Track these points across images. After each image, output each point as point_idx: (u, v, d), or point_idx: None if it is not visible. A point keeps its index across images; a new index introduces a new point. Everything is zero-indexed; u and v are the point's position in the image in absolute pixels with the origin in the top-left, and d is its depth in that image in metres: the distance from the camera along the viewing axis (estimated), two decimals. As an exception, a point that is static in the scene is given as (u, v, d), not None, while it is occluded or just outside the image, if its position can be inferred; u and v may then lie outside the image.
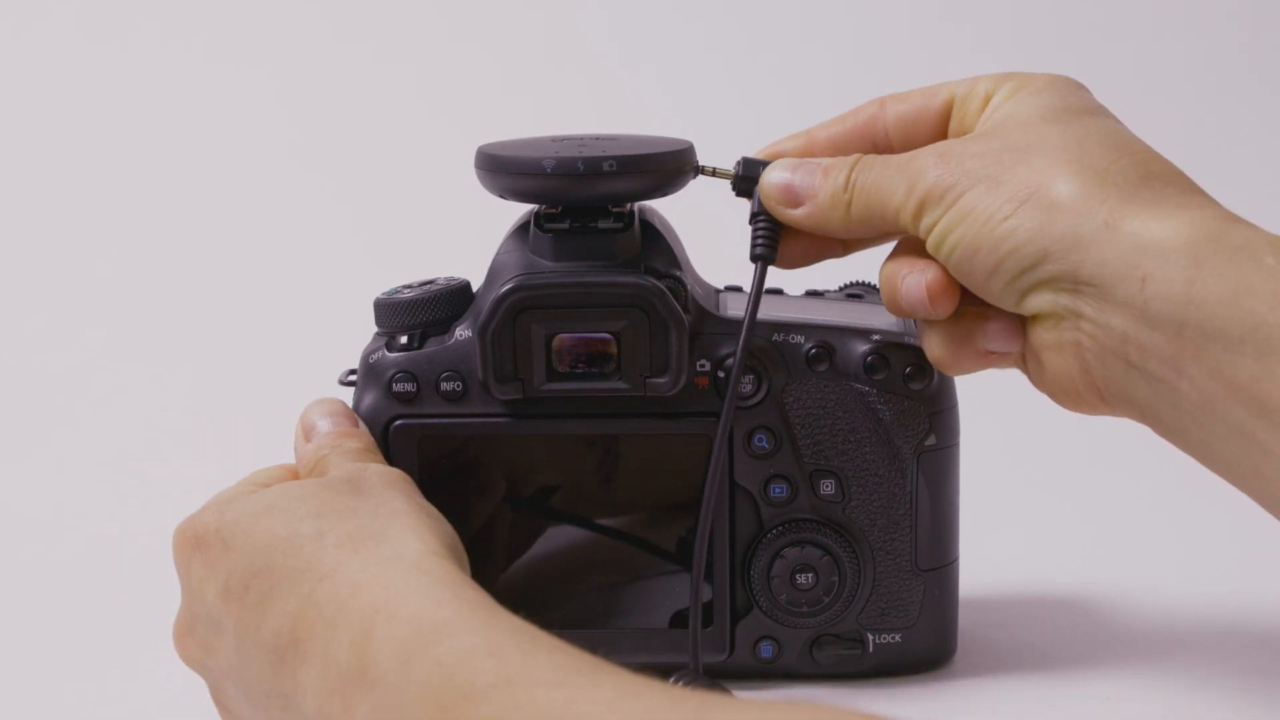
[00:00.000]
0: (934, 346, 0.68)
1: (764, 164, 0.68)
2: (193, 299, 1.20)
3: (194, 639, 0.62)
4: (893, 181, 0.65)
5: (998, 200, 0.63)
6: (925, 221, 0.64)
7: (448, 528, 0.61)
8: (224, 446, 1.03)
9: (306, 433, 0.68)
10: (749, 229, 0.68)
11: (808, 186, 0.67)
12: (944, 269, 0.66)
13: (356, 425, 0.69)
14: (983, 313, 0.66)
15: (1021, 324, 0.66)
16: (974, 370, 0.68)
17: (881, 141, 0.69)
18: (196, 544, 0.61)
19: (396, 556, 0.57)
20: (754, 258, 0.68)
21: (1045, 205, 0.62)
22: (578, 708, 0.47)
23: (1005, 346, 0.66)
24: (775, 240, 0.68)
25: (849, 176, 0.66)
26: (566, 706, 0.47)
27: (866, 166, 0.66)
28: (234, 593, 0.59)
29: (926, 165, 0.64)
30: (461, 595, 0.54)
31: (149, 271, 1.22)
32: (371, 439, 0.68)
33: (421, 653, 0.51)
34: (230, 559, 0.60)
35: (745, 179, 0.69)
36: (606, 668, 0.49)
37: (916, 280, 0.66)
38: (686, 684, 0.66)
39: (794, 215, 0.67)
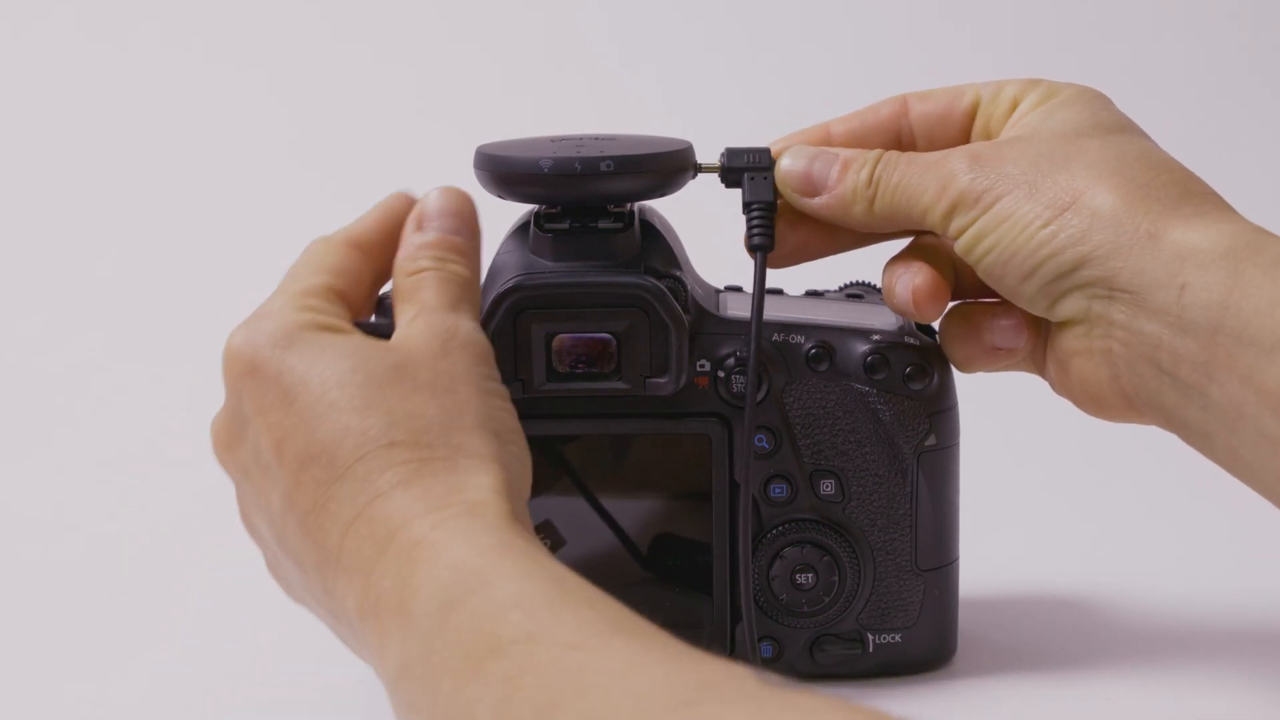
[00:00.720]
0: (946, 345, 0.69)
1: (748, 152, 0.69)
2: (193, 299, 1.20)
3: (234, 456, 0.61)
4: (922, 181, 0.66)
5: (1037, 206, 0.64)
6: (957, 223, 0.65)
7: (513, 448, 0.60)
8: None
9: (419, 221, 0.65)
10: (743, 219, 0.69)
11: (825, 176, 0.68)
12: (933, 273, 0.67)
13: (472, 236, 0.65)
14: (989, 309, 0.67)
15: (1029, 320, 0.67)
16: (987, 369, 0.69)
17: (906, 139, 0.70)
18: (252, 373, 0.60)
19: (452, 493, 0.56)
20: (752, 248, 0.68)
21: (1088, 214, 0.63)
22: (587, 675, 0.48)
23: (1011, 342, 0.67)
24: (772, 228, 0.68)
25: (873, 172, 0.67)
26: (578, 673, 0.48)
27: (892, 164, 0.67)
28: (289, 460, 0.58)
29: (959, 167, 0.65)
30: (508, 543, 0.54)
31: (149, 271, 1.22)
32: (478, 259, 0.65)
33: (459, 601, 0.52)
34: (290, 422, 0.58)
35: (731, 170, 0.69)
36: (629, 628, 0.50)
37: (905, 283, 0.67)
38: None
39: (812, 204, 0.68)
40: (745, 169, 0.69)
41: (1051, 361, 0.67)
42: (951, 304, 0.69)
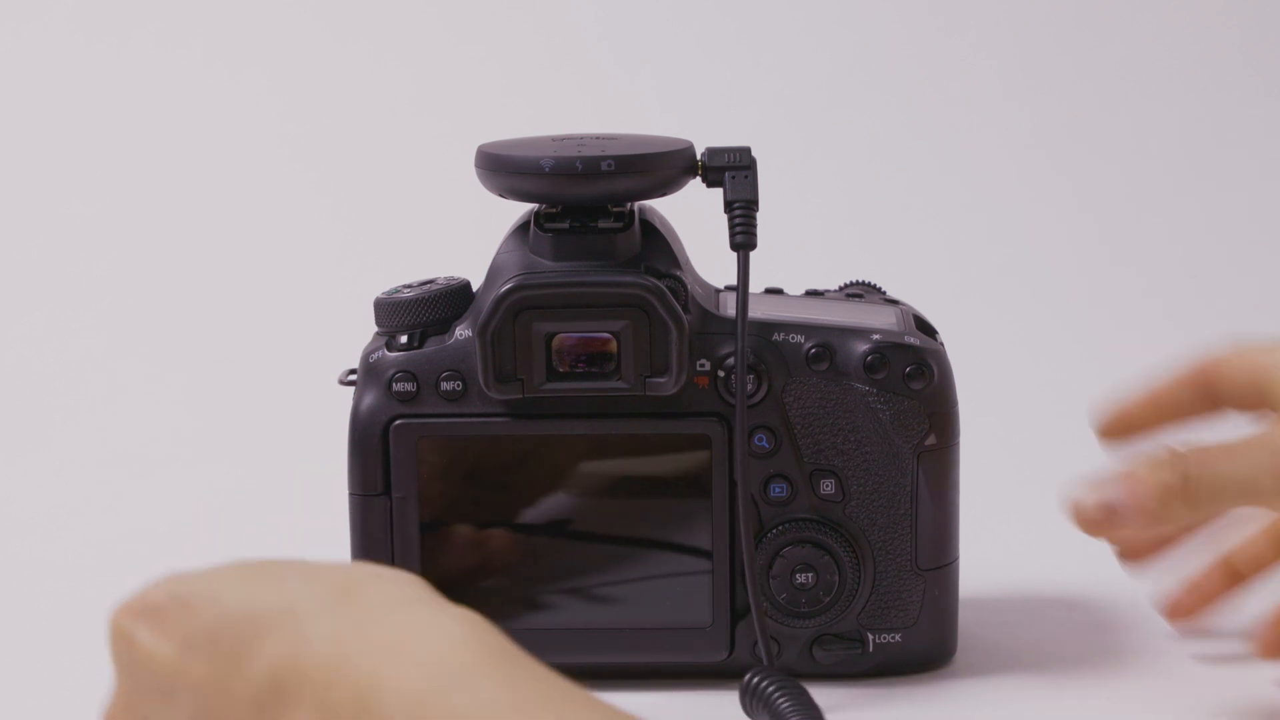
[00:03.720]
0: None
1: (729, 151, 0.69)
2: (192, 299, 1.20)
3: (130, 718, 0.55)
4: (1246, 464, 0.64)
5: None
6: None
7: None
8: (224, 446, 1.03)
9: None
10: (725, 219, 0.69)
11: (1126, 499, 0.66)
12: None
13: None
14: None
15: None
16: None
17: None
18: (144, 613, 0.54)
19: (400, 597, 0.51)
20: (734, 246, 0.68)
21: None
22: None
23: None
24: (754, 226, 0.68)
25: (1184, 472, 0.65)
26: None
27: (1198, 461, 0.65)
28: (198, 648, 0.52)
29: None
30: (479, 637, 0.49)
31: (148, 271, 1.22)
32: None
33: (436, 703, 0.46)
34: (193, 618, 0.52)
35: (712, 169, 0.69)
36: None
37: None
38: (763, 680, 0.66)
39: (1125, 534, 0.68)
40: (726, 168, 0.69)
41: None
42: None
